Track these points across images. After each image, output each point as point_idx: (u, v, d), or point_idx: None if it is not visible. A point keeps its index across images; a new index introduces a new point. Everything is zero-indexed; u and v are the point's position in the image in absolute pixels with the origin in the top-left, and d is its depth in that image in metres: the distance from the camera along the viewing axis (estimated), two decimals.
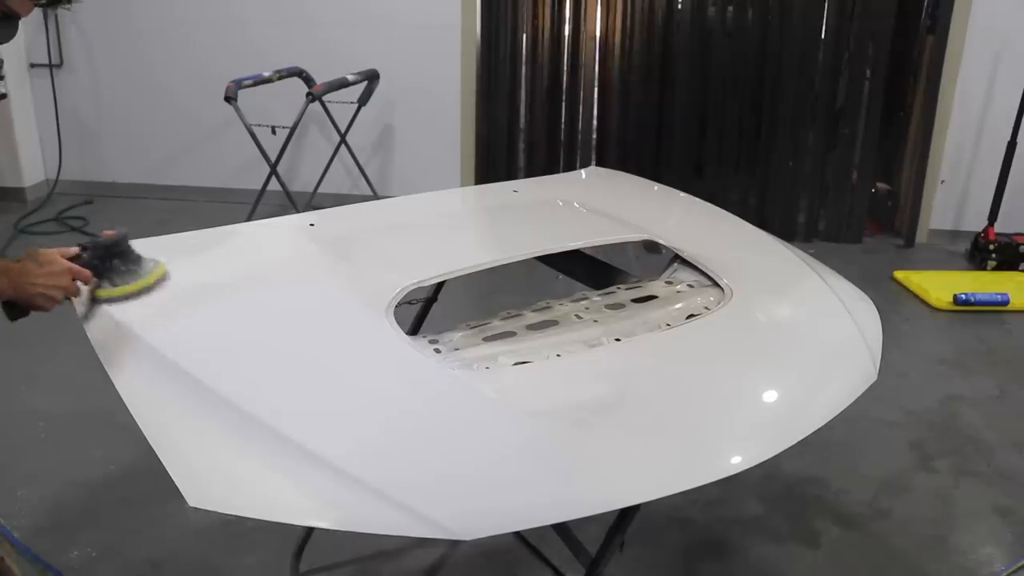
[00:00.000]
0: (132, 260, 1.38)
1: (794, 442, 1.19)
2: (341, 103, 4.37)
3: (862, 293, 1.65)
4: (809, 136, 4.47)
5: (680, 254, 1.71)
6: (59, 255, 1.32)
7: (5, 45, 1.46)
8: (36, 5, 1.43)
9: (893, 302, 3.71)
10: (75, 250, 1.35)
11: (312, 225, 1.71)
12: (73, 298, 1.33)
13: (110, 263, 1.36)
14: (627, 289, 1.61)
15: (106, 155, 4.94)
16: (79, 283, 1.33)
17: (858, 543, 2.20)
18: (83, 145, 4.89)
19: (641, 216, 1.88)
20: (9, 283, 1.27)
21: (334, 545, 2.08)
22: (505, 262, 1.59)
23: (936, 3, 4.25)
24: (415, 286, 1.47)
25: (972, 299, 3.61)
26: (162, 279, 1.40)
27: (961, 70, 4.24)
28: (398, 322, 1.35)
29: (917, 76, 4.41)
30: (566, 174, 2.38)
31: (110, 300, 1.34)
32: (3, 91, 1.89)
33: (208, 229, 1.64)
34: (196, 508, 0.97)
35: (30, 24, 4.65)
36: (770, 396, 1.35)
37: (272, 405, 1.12)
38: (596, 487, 1.08)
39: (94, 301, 1.34)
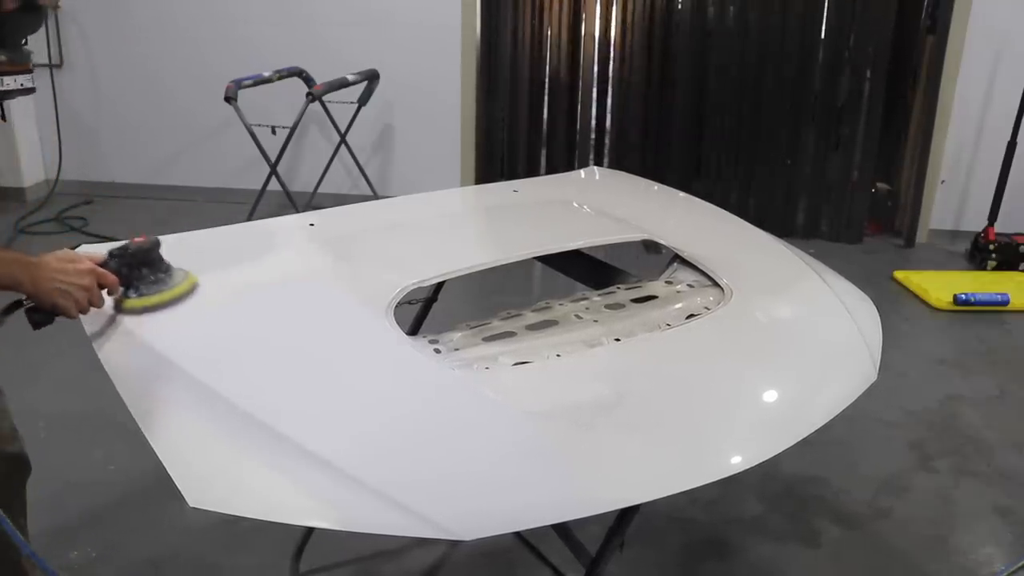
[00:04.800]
0: (162, 269, 1.33)
1: (794, 442, 1.19)
2: (341, 103, 4.37)
3: (862, 293, 1.65)
4: (809, 136, 4.48)
5: (680, 254, 1.71)
6: (86, 255, 1.27)
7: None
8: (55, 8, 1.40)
9: (893, 302, 3.71)
10: (102, 255, 1.29)
11: (312, 225, 1.71)
12: (99, 307, 1.27)
13: (138, 271, 1.30)
14: (627, 289, 1.61)
15: (106, 155, 4.94)
16: (104, 292, 1.26)
17: (858, 543, 2.20)
18: (83, 145, 4.89)
19: (641, 216, 1.88)
20: (28, 276, 1.20)
21: (334, 545, 2.08)
22: (505, 262, 1.58)
23: (936, 3, 4.25)
24: (415, 286, 1.46)
25: (972, 299, 3.61)
26: (191, 291, 1.35)
27: (961, 70, 4.24)
28: (398, 322, 1.35)
29: (917, 76, 4.41)
30: (566, 174, 2.38)
31: (135, 311, 1.29)
32: (31, 85, 1.89)
33: (208, 229, 1.64)
34: (196, 508, 0.97)
35: None
36: (770, 396, 1.34)
37: (272, 405, 1.12)
38: (596, 487, 1.08)
39: (119, 310, 1.29)
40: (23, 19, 1.46)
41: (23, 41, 1.67)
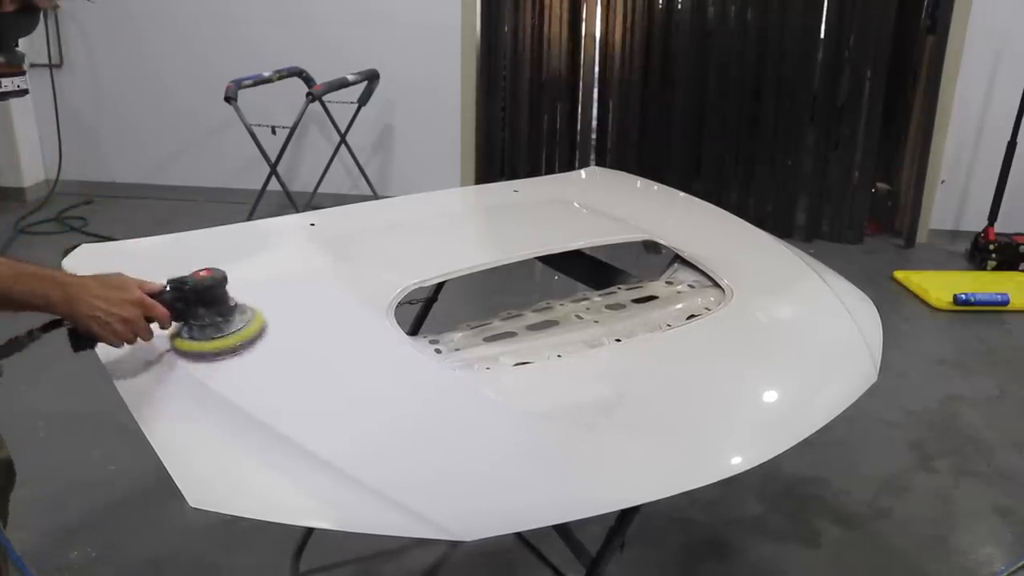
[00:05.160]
0: (222, 312, 1.19)
1: (794, 443, 1.19)
2: (341, 103, 4.37)
3: (862, 293, 1.65)
4: (809, 136, 4.47)
5: (680, 254, 1.71)
6: (136, 284, 1.15)
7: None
8: (54, 7, 1.36)
9: (893, 302, 3.71)
10: (159, 285, 1.17)
11: (312, 225, 1.71)
12: (147, 340, 1.16)
13: (195, 310, 1.18)
14: (627, 289, 1.61)
15: (106, 155, 4.94)
16: (154, 324, 1.16)
17: (858, 543, 2.20)
18: (83, 145, 4.89)
19: (641, 216, 1.88)
20: (62, 297, 1.10)
21: (334, 545, 2.08)
22: (505, 262, 1.58)
23: (936, 3, 4.25)
24: (415, 286, 1.46)
25: (972, 299, 3.61)
26: (256, 336, 1.21)
27: (961, 70, 4.24)
28: (398, 322, 1.35)
29: (917, 76, 4.41)
30: (566, 174, 2.38)
31: (189, 355, 1.17)
32: (25, 87, 1.87)
33: (208, 229, 1.64)
34: (196, 508, 0.97)
35: None
36: (770, 396, 1.34)
37: (272, 405, 1.12)
38: (597, 488, 1.08)
39: (175, 351, 1.19)
40: (19, 21, 1.45)
41: (15, 43, 1.67)
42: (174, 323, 1.19)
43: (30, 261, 1.16)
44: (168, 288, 1.18)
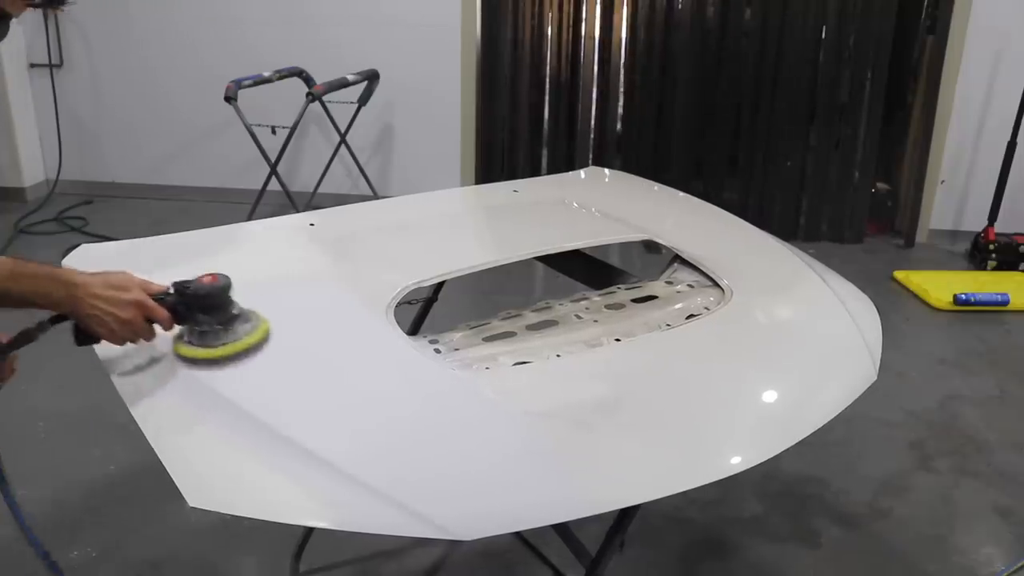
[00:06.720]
0: (223, 319, 1.17)
1: (794, 442, 1.19)
2: (341, 103, 4.37)
3: (862, 293, 1.65)
4: (809, 136, 4.47)
5: (680, 254, 1.71)
6: (140, 284, 1.16)
7: (4, 45, 1.45)
8: (29, 5, 1.35)
9: (893, 302, 3.71)
10: (163, 287, 1.18)
11: (312, 225, 1.71)
12: (148, 340, 1.17)
13: (196, 316, 1.16)
14: (627, 289, 1.61)
15: (106, 155, 4.94)
16: (156, 326, 1.16)
17: (858, 543, 2.20)
18: (83, 145, 4.89)
19: (641, 216, 1.88)
20: (65, 295, 1.12)
21: (334, 545, 2.08)
22: (505, 262, 1.58)
23: (936, 3, 4.25)
24: (415, 286, 1.46)
25: (972, 299, 3.61)
26: (260, 344, 1.19)
27: (961, 70, 4.24)
28: (398, 322, 1.35)
29: (917, 76, 4.41)
30: (566, 174, 2.38)
31: (189, 361, 1.17)
32: None
33: (208, 229, 1.64)
34: (196, 508, 0.97)
35: (30, 24, 4.65)
36: (770, 396, 1.34)
37: (272, 405, 1.12)
38: (596, 487, 1.08)
39: (175, 355, 1.18)
40: None
41: None
42: (177, 326, 1.18)
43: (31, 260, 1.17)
44: (171, 291, 1.17)
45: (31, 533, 1.15)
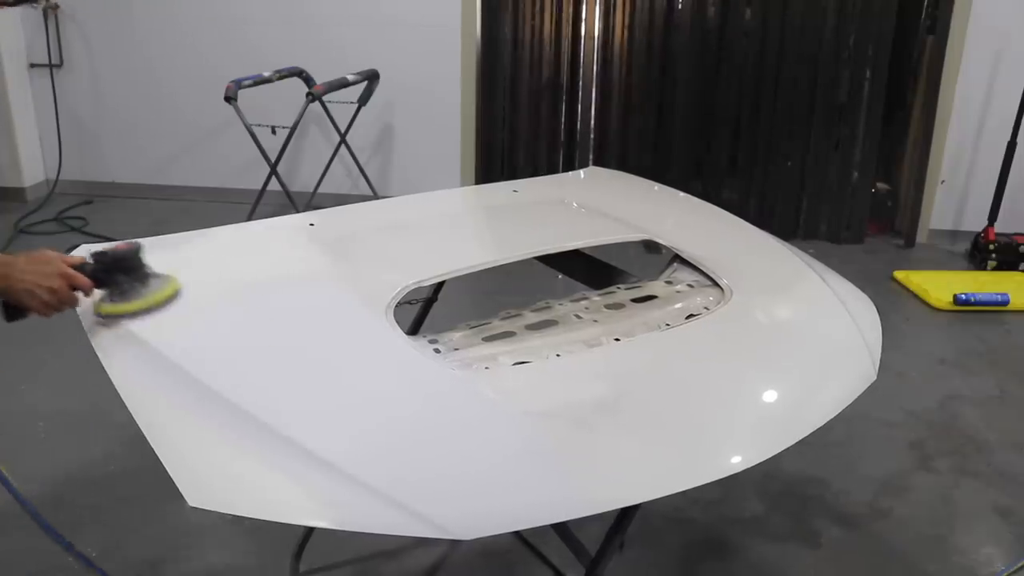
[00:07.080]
0: (139, 278, 1.32)
1: (794, 442, 1.19)
2: (341, 103, 4.37)
3: (862, 293, 1.65)
4: (809, 136, 4.47)
5: (680, 254, 1.71)
6: (59, 258, 1.28)
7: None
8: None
9: (893, 302, 3.71)
10: (80, 258, 1.31)
11: (312, 225, 1.71)
12: (72, 307, 1.29)
13: (115, 277, 1.30)
14: (627, 289, 1.61)
15: (106, 155, 4.94)
16: (79, 293, 1.29)
17: (858, 543, 2.20)
18: (83, 145, 4.89)
19: (641, 216, 1.88)
20: (1, 274, 1.25)
21: (334, 545, 2.08)
22: (505, 262, 1.59)
23: (936, 3, 4.25)
24: (415, 286, 1.47)
25: (972, 299, 3.61)
26: (171, 299, 1.33)
27: (961, 70, 4.24)
28: (398, 322, 1.35)
29: (917, 76, 4.41)
30: (566, 174, 2.38)
31: (109, 316, 1.29)
32: None
33: (208, 229, 1.64)
34: (196, 508, 0.97)
35: (30, 24, 4.66)
36: (770, 396, 1.35)
37: (272, 405, 1.13)
38: (596, 487, 1.08)
39: (96, 313, 1.31)
40: None
41: None
42: (97, 291, 1.30)
43: None
44: (90, 260, 1.30)
45: (47, 525, 1.18)
